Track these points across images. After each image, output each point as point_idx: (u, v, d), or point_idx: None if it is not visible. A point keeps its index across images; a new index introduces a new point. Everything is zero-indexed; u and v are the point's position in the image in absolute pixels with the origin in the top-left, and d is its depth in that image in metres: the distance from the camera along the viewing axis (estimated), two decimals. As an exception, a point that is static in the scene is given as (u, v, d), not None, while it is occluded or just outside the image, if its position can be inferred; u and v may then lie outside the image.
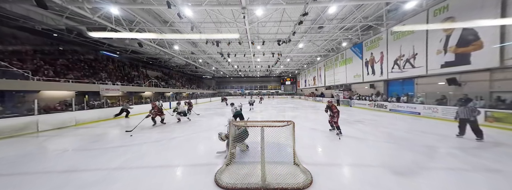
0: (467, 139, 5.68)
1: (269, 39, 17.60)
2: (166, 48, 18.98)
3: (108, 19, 11.60)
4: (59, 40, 15.88)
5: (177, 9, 9.69)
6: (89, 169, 3.85)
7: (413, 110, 11.10)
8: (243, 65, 33.35)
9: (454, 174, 3.41)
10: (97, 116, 10.94)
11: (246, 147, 4.65)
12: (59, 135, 7.39)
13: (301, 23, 11.33)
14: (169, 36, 15.59)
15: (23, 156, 4.76)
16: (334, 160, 4.21)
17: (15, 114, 7.96)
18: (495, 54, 8.05)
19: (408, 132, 6.81)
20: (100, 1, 9.49)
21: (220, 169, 3.59)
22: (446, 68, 10.12)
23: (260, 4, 10.41)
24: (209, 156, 4.52)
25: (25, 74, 10.05)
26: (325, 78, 27.87)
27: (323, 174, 3.41)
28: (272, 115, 13.23)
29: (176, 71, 36.83)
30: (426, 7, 10.83)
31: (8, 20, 11.42)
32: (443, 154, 4.50)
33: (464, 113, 5.58)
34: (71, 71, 14.03)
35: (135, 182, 3.25)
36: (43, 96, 11.65)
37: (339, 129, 6.19)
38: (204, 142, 5.79)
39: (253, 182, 3.04)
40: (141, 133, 7.34)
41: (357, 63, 18.84)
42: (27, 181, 3.38)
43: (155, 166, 3.93)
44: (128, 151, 5.02)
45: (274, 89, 52.31)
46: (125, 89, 17.30)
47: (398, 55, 13.39)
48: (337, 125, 6.22)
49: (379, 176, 3.32)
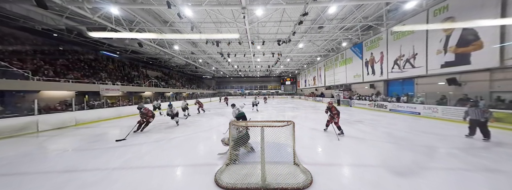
0: (467, 139, 5.69)
1: (269, 39, 17.60)
2: (166, 48, 18.98)
3: (108, 19, 11.60)
4: (59, 40, 15.89)
5: (177, 9, 9.70)
6: (89, 169, 3.84)
7: (413, 110, 11.10)
8: (243, 65, 33.36)
9: (454, 174, 3.41)
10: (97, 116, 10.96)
11: (251, 148, 4.64)
12: (59, 135, 7.39)
13: (301, 23, 11.33)
14: (169, 36, 15.59)
15: (23, 156, 4.76)
16: (334, 160, 4.21)
17: (15, 114, 7.95)
18: (495, 54, 8.05)
19: (408, 132, 6.81)
20: (100, 1, 9.49)
21: (220, 169, 3.59)
22: (446, 68, 10.12)
23: (260, 4, 10.41)
24: (209, 156, 4.52)
25: (25, 74, 10.05)
26: (325, 78, 27.87)
27: (323, 174, 3.41)
28: (272, 115, 13.22)
29: (176, 71, 36.83)
30: (426, 7, 10.84)
31: (8, 20, 11.42)
32: (443, 154, 4.50)
33: (475, 114, 5.58)
34: (71, 71, 14.03)
35: (135, 182, 3.25)
36: (43, 96, 11.65)
37: (340, 129, 6.21)
38: (204, 142, 5.78)
39: (253, 182, 3.04)
40: (141, 133, 7.34)
41: (357, 63, 18.84)
42: (27, 181, 3.38)
43: (155, 166, 3.93)
44: (128, 151, 5.02)
45: (274, 89, 52.30)
46: (125, 89, 17.30)
47: (398, 55, 13.39)
48: (338, 125, 6.24)
49: (379, 176, 3.32)
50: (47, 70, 12.11)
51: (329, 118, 6.49)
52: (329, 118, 6.49)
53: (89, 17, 9.98)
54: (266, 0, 10.53)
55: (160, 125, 9.15)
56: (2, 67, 9.46)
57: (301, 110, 15.70)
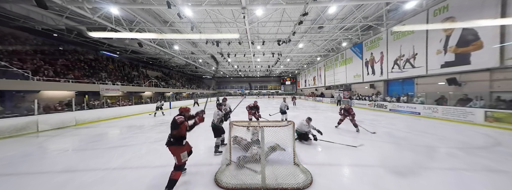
0: (467, 139, 5.69)
1: (269, 39, 17.59)
2: (166, 48, 18.98)
3: (108, 19, 11.60)
4: (59, 40, 15.88)
5: (177, 9, 9.69)
6: (89, 169, 3.84)
7: (413, 110, 11.10)
8: (243, 65, 33.35)
9: (454, 174, 3.41)
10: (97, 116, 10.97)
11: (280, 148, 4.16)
12: (59, 135, 7.39)
13: (301, 23, 11.32)
14: (169, 36, 15.59)
15: (23, 156, 4.76)
16: (334, 160, 4.21)
17: (15, 114, 7.95)
18: (495, 54, 8.04)
19: (408, 132, 6.81)
20: (100, 1, 9.48)
21: (220, 169, 3.59)
22: (446, 68, 10.12)
23: (260, 4, 10.40)
24: (209, 156, 4.52)
25: (25, 74, 10.04)
26: (325, 78, 27.87)
27: (323, 174, 3.41)
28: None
29: (176, 71, 36.83)
30: (426, 7, 10.83)
31: (8, 20, 11.42)
32: (443, 154, 4.51)
33: None
34: (71, 71, 14.02)
35: (135, 182, 3.25)
36: (43, 96, 11.64)
37: (357, 127, 7.09)
38: (204, 142, 5.78)
39: (253, 182, 3.04)
40: (141, 133, 7.34)
41: (357, 63, 18.84)
42: (27, 181, 3.38)
43: (155, 166, 3.93)
44: (128, 151, 5.02)
45: (274, 89, 52.28)
46: (125, 89, 17.29)
47: (398, 55, 13.39)
48: (355, 123, 7.11)
49: (379, 176, 3.32)
50: (47, 70, 12.10)
51: (342, 117, 7.50)
52: (342, 117, 7.50)
53: (89, 17, 9.97)
54: (266, 0, 10.53)
55: (161, 125, 9.15)
56: (2, 67, 9.45)
57: (301, 110, 15.70)
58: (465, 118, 8.42)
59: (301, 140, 5.57)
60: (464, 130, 7.17)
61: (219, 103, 5.11)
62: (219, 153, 4.57)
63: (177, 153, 2.91)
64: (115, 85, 15.75)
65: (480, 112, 7.86)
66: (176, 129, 2.90)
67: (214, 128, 4.77)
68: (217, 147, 4.69)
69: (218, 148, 4.69)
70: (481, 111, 7.82)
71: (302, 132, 5.51)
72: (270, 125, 3.56)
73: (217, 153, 4.60)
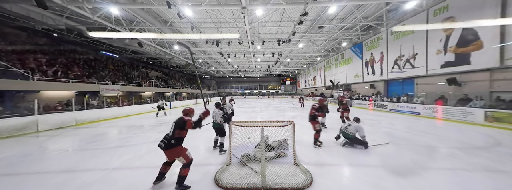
0: (467, 139, 5.68)
1: (269, 39, 17.59)
2: (166, 48, 18.97)
3: (108, 19, 11.60)
4: (59, 40, 15.88)
5: (177, 9, 9.69)
6: (89, 169, 3.84)
7: (413, 110, 11.10)
8: (243, 65, 33.34)
9: (454, 174, 3.41)
10: (97, 116, 10.97)
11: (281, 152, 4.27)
12: (59, 135, 7.39)
13: (301, 23, 11.32)
14: (169, 36, 15.59)
15: (23, 156, 4.76)
16: (334, 160, 4.21)
17: (15, 114, 7.94)
18: (495, 54, 8.04)
19: (408, 132, 6.81)
20: (100, 1, 9.48)
21: (220, 169, 3.59)
22: (446, 68, 10.11)
23: (260, 4, 10.40)
24: (209, 156, 4.52)
25: (25, 74, 10.04)
26: (325, 78, 27.86)
27: (323, 174, 3.41)
28: (272, 115, 13.22)
29: (176, 71, 36.83)
30: (426, 7, 10.83)
31: (8, 20, 11.42)
32: (443, 154, 4.50)
33: None
34: (71, 71, 14.02)
35: (135, 182, 3.24)
36: (43, 96, 11.63)
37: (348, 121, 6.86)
38: (204, 142, 5.78)
39: (253, 182, 3.04)
40: (141, 133, 7.34)
41: (357, 63, 18.84)
42: (27, 181, 3.37)
43: (155, 166, 3.91)
44: (128, 151, 5.02)
45: (274, 89, 52.27)
46: (125, 89, 17.29)
47: (398, 55, 13.39)
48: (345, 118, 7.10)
49: (379, 176, 3.32)
50: (47, 70, 12.09)
51: (343, 111, 7.53)
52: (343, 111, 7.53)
53: (89, 17, 9.98)
54: (266, 0, 10.53)
55: (161, 125, 9.15)
56: (2, 67, 9.45)
57: (301, 110, 15.69)
58: (465, 118, 8.42)
59: (354, 144, 5.00)
60: (464, 130, 7.17)
61: (217, 103, 5.15)
62: (223, 152, 4.59)
63: (183, 153, 2.97)
64: (115, 85, 15.75)
65: (480, 112, 7.85)
66: (181, 129, 2.94)
67: (218, 128, 4.81)
68: (221, 146, 4.70)
69: (222, 147, 4.70)
70: (481, 111, 7.82)
71: (349, 135, 4.95)
72: (270, 125, 3.56)
73: (222, 152, 4.62)
